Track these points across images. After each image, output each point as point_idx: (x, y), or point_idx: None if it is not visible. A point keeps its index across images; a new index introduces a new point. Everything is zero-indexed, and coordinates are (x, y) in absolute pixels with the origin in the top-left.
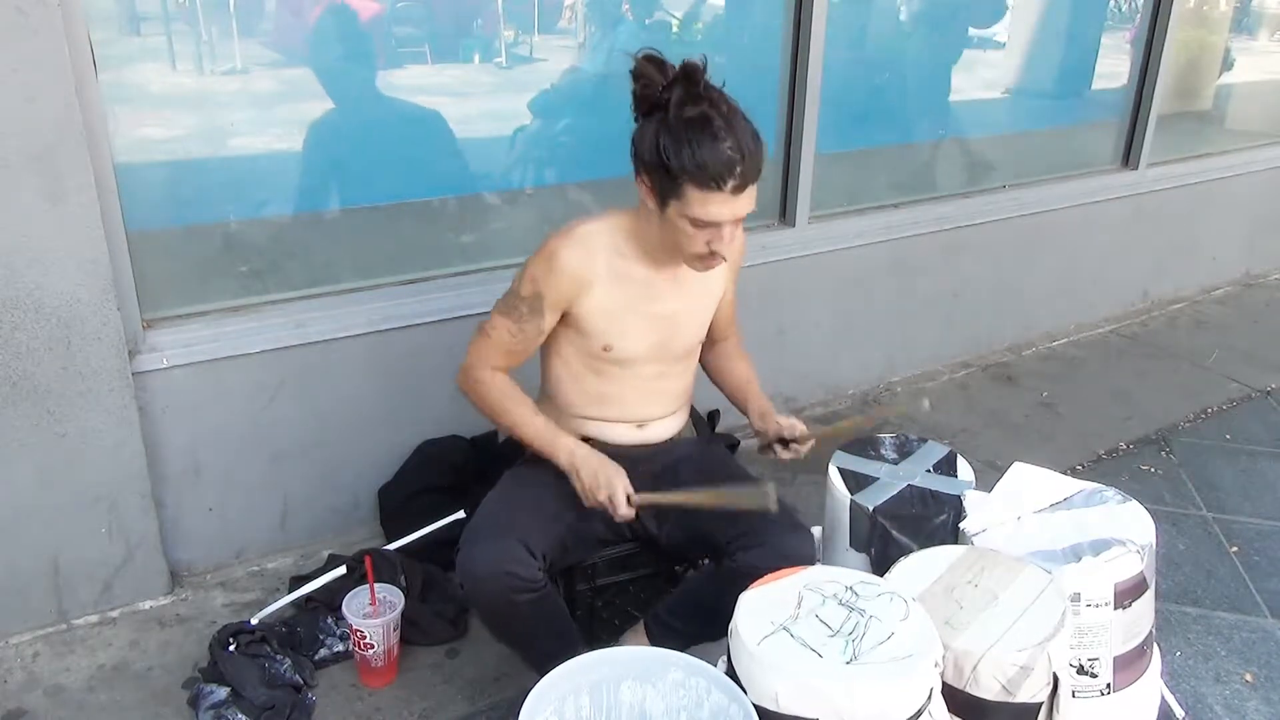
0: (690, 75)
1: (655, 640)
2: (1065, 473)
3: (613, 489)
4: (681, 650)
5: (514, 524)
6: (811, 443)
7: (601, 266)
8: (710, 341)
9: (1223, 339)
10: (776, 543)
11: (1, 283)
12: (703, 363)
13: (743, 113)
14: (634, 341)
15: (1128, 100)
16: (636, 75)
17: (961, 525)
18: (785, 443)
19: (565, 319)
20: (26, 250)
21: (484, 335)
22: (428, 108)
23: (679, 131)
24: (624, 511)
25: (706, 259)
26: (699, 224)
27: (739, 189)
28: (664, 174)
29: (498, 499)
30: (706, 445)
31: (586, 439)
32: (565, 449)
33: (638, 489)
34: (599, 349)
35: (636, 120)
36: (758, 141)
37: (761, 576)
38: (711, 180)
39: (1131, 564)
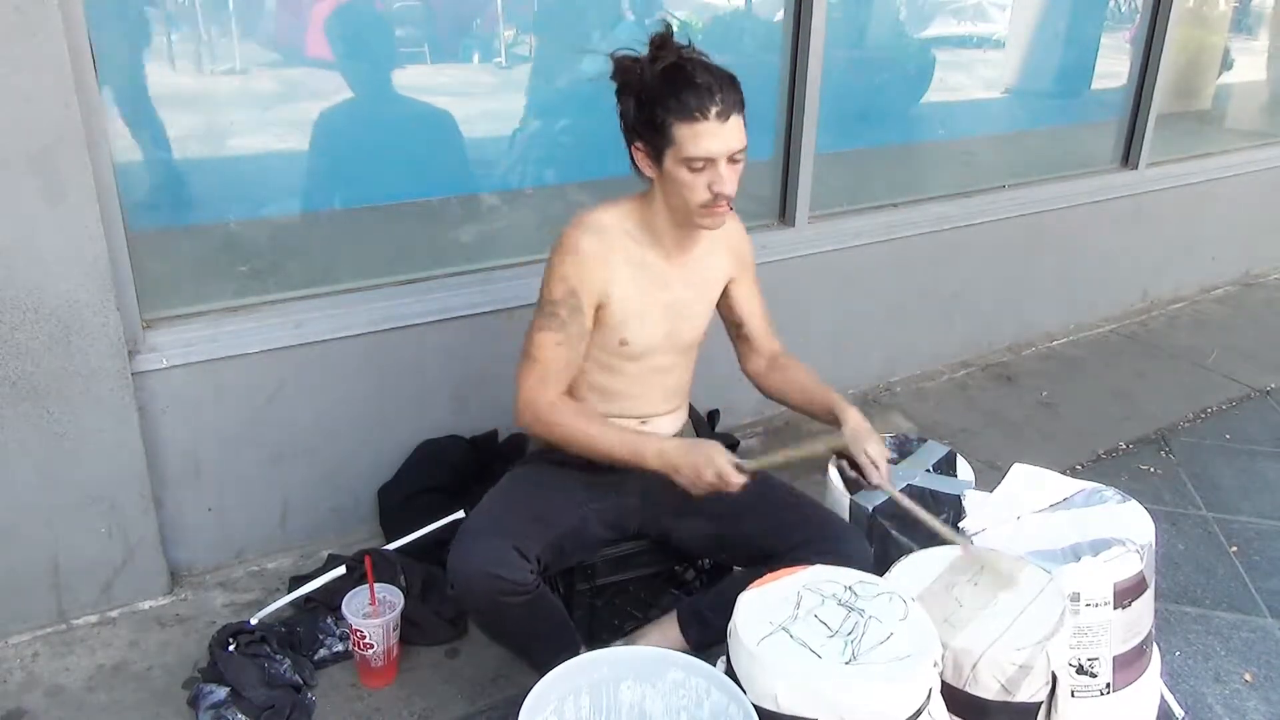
0: (659, 41)
1: (689, 633)
2: (1065, 473)
3: (715, 464)
4: (714, 645)
5: (506, 526)
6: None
7: (619, 252)
8: (757, 356)
9: (1222, 339)
10: (845, 550)
11: (1, 283)
12: (763, 384)
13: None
14: (648, 333)
15: (1127, 100)
16: (615, 70)
17: (961, 525)
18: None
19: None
20: (26, 250)
21: (531, 361)
22: (427, 108)
23: (656, 83)
24: (736, 480)
25: (712, 206)
26: (695, 165)
27: (723, 115)
28: (652, 127)
29: (493, 500)
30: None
31: None
32: (654, 451)
33: (656, 498)
34: (615, 343)
35: None
36: (734, 78)
37: None
38: (695, 111)
39: (1131, 563)
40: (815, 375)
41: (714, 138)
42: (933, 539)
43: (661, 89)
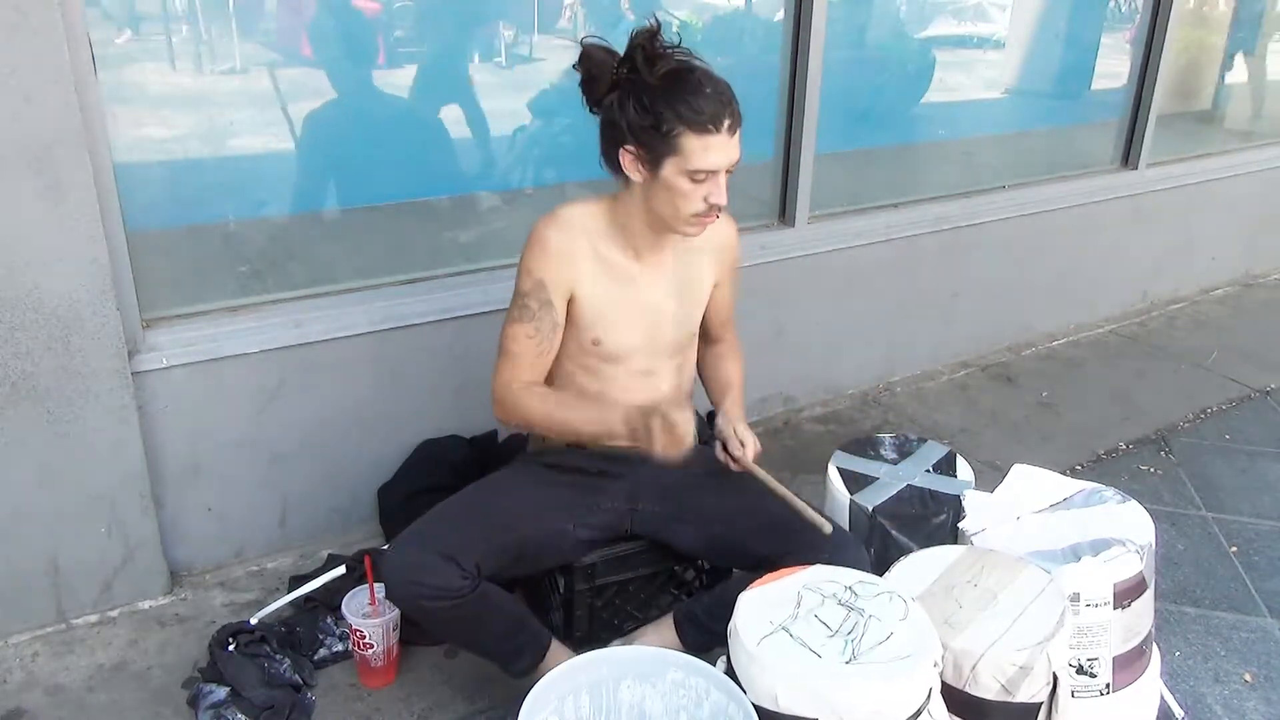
0: (650, 39)
1: (685, 636)
2: (1065, 473)
3: (664, 416)
4: (710, 648)
5: (434, 532)
6: (745, 461)
7: (586, 248)
8: (705, 342)
9: (1222, 339)
10: (843, 560)
11: (1, 283)
12: (697, 364)
13: None
14: (622, 334)
15: (1127, 100)
16: (584, 60)
17: (961, 525)
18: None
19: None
20: (26, 250)
21: (504, 355)
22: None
23: (662, 88)
24: (684, 430)
25: (704, 216)
26: (698, 176)
27: (733, 128)
28: (655, 134)
29: (435, 509)
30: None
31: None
32: (621, 416)
33: (644, 499)
34: (589, 342)
35: (592, 109)
36: (730, 86)
37: None
38: (709, 123)
39: (1131, 564)
40: (735, 370)
41: (722, 151)
42: (931, 539)
43: (669, 94)
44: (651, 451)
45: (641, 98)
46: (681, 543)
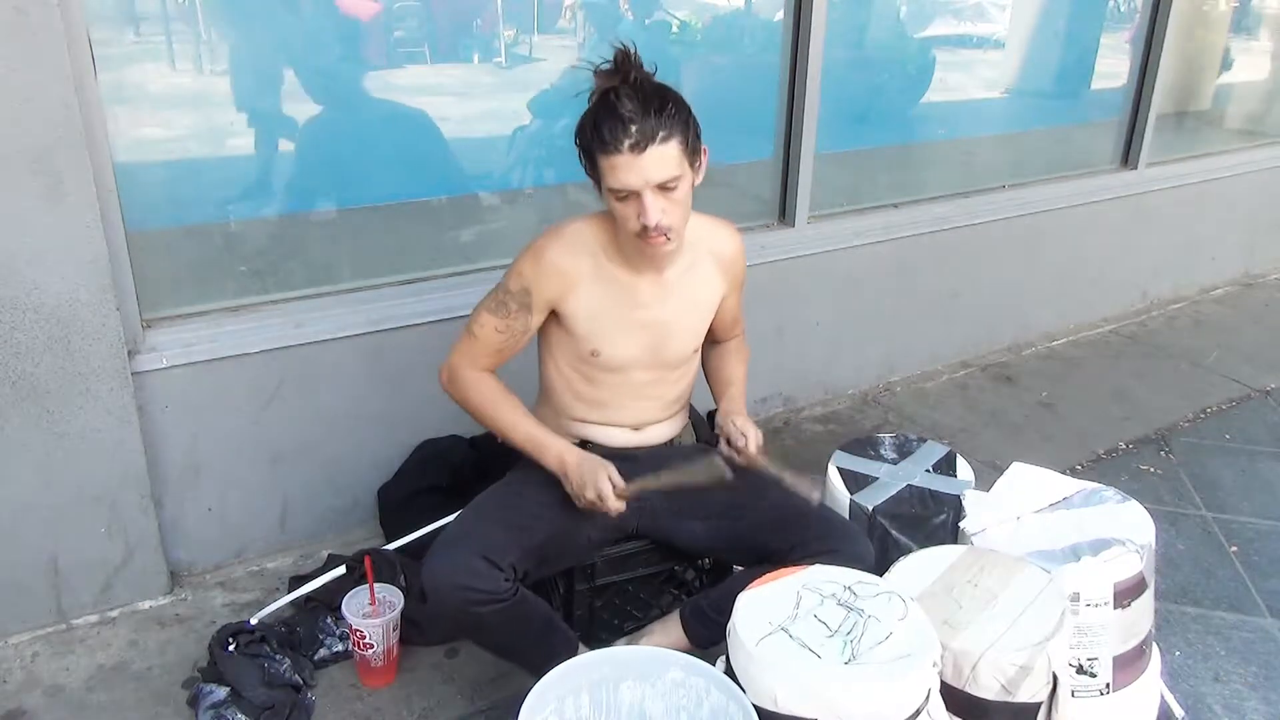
0: (615, 59)
1: (692, 632)
2: (1065, 473)
3: (598, 485)
4: (718, 643)
5: (474, 537)
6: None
7: (587, 265)
8: (709, 341)
9: (1222, 339)
10: (848, 550)
11: (1, 282)
12: (701, 358)
13: (661, 84)
14: (622, 348)
15: (1127, 100)
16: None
17: (961, 525)
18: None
19: (555, 320)
20: (26, 250)
21: (469, 335)
22: (427, 108)
23: (589, 110)
24: (614, 505)
25: (644, 236)
26: (618, 195)
27: (638, 147)
28: (585, 154)
29: (466, 513)
30: (707, 450)
31: (584, 442)
32: (553, 452)
33: (654, 499)
34: (587, 353)
35: None
36: (665, 102)
37: None
38: (609, 143)
39: (1131, 564)
40: (738, 369)
41: (630, 170)
42: (931, 539)
43: (587, 119)
44: (574, 499)
45: (580, 122)
46: (687, 538)
